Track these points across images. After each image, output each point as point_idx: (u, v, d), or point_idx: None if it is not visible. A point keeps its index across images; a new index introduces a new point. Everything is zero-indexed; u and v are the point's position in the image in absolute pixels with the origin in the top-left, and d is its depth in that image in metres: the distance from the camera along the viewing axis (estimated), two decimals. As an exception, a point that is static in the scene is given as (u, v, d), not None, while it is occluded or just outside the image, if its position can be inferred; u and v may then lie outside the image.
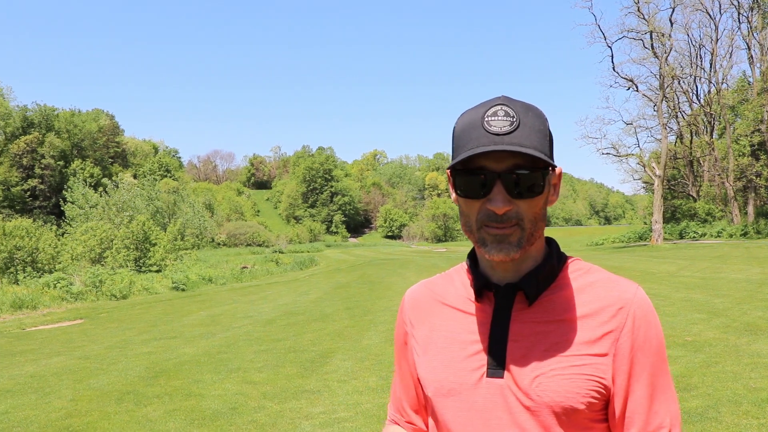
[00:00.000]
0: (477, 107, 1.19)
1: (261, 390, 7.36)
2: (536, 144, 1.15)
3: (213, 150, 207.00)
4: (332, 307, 15.21)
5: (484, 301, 1.27)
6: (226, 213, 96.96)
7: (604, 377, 1.17)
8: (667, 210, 46.65)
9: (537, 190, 1.17)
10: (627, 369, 1.18)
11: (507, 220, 1.16)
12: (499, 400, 1.19)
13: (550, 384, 1.16)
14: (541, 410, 1.16)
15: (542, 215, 1.21)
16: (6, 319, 15.93)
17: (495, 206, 1.15)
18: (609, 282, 1.24)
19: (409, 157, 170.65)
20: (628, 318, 1.19)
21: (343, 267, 34.75)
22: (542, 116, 1.20)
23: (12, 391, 7.88)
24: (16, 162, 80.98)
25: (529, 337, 1.20)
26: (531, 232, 1.19)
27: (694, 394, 6.02)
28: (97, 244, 30.42)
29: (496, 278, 1.26)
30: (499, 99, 1.18)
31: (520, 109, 1.16)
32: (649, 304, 1.23)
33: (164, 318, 15.10)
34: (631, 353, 1.18)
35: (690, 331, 8.96)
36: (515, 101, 1.18)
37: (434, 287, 1.39)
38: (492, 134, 1.14)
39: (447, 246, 76.12)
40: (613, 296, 1.21)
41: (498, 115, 1.15)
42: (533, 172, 1.16)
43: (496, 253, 1.18)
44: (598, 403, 1.18)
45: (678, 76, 43.75)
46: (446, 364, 1.26)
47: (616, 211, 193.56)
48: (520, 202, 1.16)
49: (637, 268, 20.23)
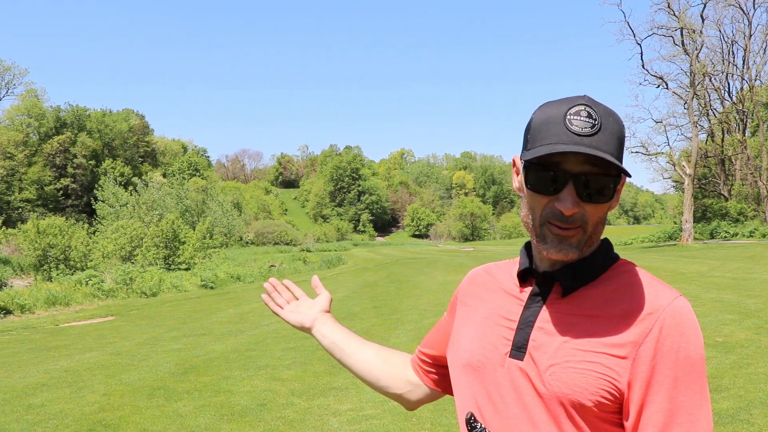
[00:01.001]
0: (559, 102, 1.19)
1: (289, 387, 7.43)
2: (613, 150, 1.16)
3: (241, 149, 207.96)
4: (360, 305, 15.26)
5: (527, 286, 1.30)
6: (254, 212, 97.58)
7: (618, 380, 1.13)
8: (698, 209, 45.96)
9: (606, 195, 1.18)
10: (646, 377, 1.13)
11: (572, 221, 1.18)
12: (516, 381, 1.22)
13: (561, 375, 1.16)
14: (551, 400, 1.17)
15: (604, 220, 1.23)
16: (40, 315, 16.25)
17: (564, 206, 1.16)
18: (648, 286, 1.21)
19: (436, 156, 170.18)
20: (655, 324, 1.14)
21: (370, 266, 34.81)
22: (621, 122, 1.20)
23: (47, 385, 8.05)
24: (49, 161, 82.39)
25: (554, 326, 1.22)
26: (591, 235, 1.21)
27: (725, 395, 5.95)
28: (128, 242, 30.82)
29: (543, 267, 1.28)
30: (582, 98, 1.18)
31: (602, 113, 1.17)
32: (686, 315, 1.17)
33: (193, 315, 15.27)
34: (653, 361, 1.13)
35: (721, 332, 8.84)
36: (598, 103, 1.19)
37: (495, 269, 1.44)
38: (573, 133, 1.14)
39: (474, 245, 75.83)
40: (647, 301, 1.18)
41: (581, 115, 1.15)
42: (605, 177, 1.16)
43: (555, 252, 1.20)
44: (610, 405, 1.15)
45: (709, 73, 43.03)
46: (480, 337, 1.31)
47: (645, 211, 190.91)
48: (587, 206, 1.18)
49: (666, 268, 19.98)
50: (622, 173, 1.18)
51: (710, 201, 48.67)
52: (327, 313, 1.84)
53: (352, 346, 1.71)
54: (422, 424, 5.74)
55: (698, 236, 40.84)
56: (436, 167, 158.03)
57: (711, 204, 48.07)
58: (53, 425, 6.29)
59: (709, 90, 46.14)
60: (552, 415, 1.17)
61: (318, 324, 1.79)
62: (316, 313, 1.83)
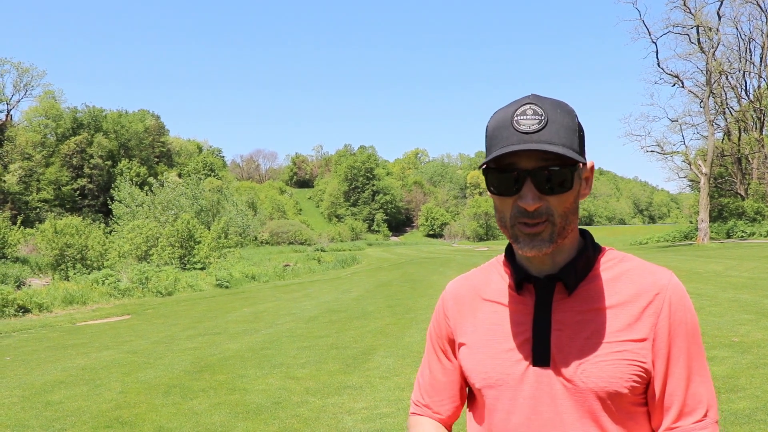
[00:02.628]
0: (507, 106, 1.23)
1: (304, 385, 7.46)
2: (564, 141, 1.18)
3: (256, 149, 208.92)
4: (374, 304, 15.28)
5: (524, 294, 1.31)
6: (269, 211, 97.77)
7: (645, 361, 1.21)
8: (714, 209, 45.50)
9: (566, 186, 1.21)
10: (665, 352, 1.23)
11: (538, 215, 1.20)
12: (545, 389, 1.24)
13: (593, 370, 1.20)
14: (587, 396, 1.20)
15: (573, 209, 1.25)
16: (58, 313, 16.41)
17: (525, 203, 1.19)
18: (644, 269, 1.29)
19: (450, 156, 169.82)
20: (665, 303, 1.23)
21: (384, 265, 34.84)
22: (571, 112, 1.23)
23: (65, 383, 8.14)
24: (66, 162, 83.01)
25: (571, 326, 1.24)
26: (562, 227, 1.23)
27: (741, 395, 5.90)
28: (143, 241, 31.03)
29: (534, 271, 1.30)
30: (528, 98, 1.22)
31: (548, 107, 1.20)
32: (683, 289, 1.27)
33: (209, 314, 15.36)
34: (669, 337, 1.23)
35: (737, 332, 8.77)
36: (544, 99, 1.22)
37: (474, 282, 1.43)
38: (521, 133, 1.18)
39: (488, 245, 75.60)
40: (649, 282, 1.26)
41: (527, 114, 1.19)
42: (562, 168, 1.19)
43: (528, 249, 1.22)
44: (640, 387, 1.22)
45: (726, 71, 42.60)
46: (492, 356, 1.31)
47: (660, 210, 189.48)
48: (550, 198, 1.20)
49: (682, 267, 19.83)
50: (580, 162, 1.21)
51: (726, 200, 48.17)
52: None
53: None
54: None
55: (714, 236, 40.48)
56: (450, 167, 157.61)
57: (727, 203, 47.60)
58: (71, 422, 6.36)
59: (725, 88, 45.66)
60: (588, 411, 1.21)
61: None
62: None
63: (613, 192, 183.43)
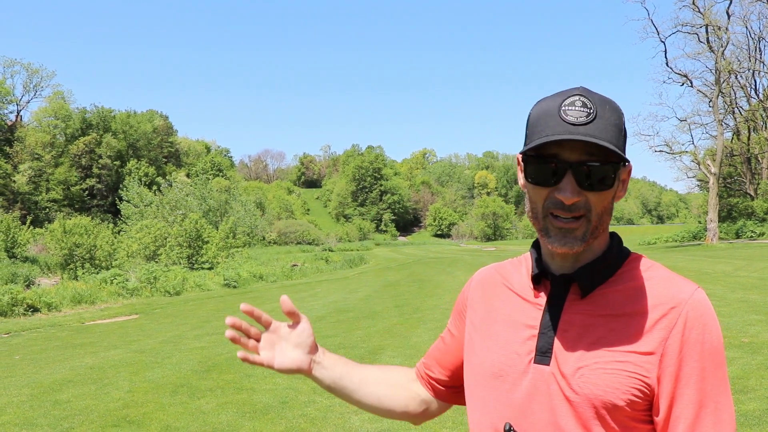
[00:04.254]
0: (555, 96, 1.20)
1: (311, 385, 7.44)
2: (611, 138, 1.15)
3: (264, 149, 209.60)
4: (381, 304, 15.28)
5: (541, 290, 1.29)
6: (277, 211, 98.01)
7: (648, 376, 1.14)
8: (723, 209, 45.27)
9: (607, 184, 1.18)
10: (674, 371, 1.14)
11: (575, 210, 1.17)
12: (542, 387, 1.20)
13: (591, 377, 1.15)
14: (581, 402, 1.16)
15: (609, 210, 1.22)
16: (67, 313, 16.49)
17: (564, 196, 1.16)
18: (667, 281, 1.21)
19: (458, 156, 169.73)
20: (679, 318, 1.15)
21: (392, 265, 34.83)
22: (619, 111, 1.20)
23: (73, 382, 8.17)
24: (75, 162, 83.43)
25: (578, 329, 1.21)
26: (596, 226, 1.20)
27: (751, 396, 5.86)
28: (152, 241, 31.13)
29: (554, 267, 1.27)
30: (577, 89, 1.19)
31: (597, 102, 1.17)
32: (707, 307, 1.18)
33: (216, 314, 15.38)
34: (680, 355, 1.14)
35: (747, 333, 8.72)
36: (594, 93, 1.19)
37: (503, 271, 1.41)
38: (568, 124, 1.14)
39: (496, 245, 75.50)
40: (668, 295, 1.18)
41: (575, 105, 1.15)
42: (605, 165, 1.16)
43: (559, 245, 1.19)
44: (641, 403, 1.15)
45: (735, 70, 42.34)
46: (501, 345, 1.29)
47: (669, 210, 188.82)
48: (589, 194, 1.17)
49: (691, 267, 19.74)
50: (623, 161, 1.19)
51: (736, 200, 47.94)
52: (315, 345, 1.52)
53: (354, 379, 1.53)
54: (444, 423, 5.73)
55: (723, 236, 40.28)
56: (458, 167, 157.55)
57: (736, 203, 47.37)
58: (79, 421, 6.37)
59: (734, 87, 45.40)
60: (581, 419, 1.16)
61: (315, 366, 1.50)
62: (307, 351, 1.50)
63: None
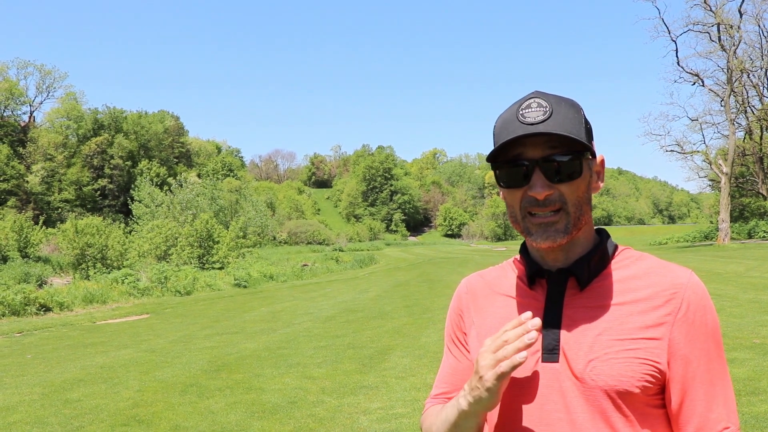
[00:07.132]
0: (512, 105, 1.25)
1: (320, 385, 7.47)
2: (570, 129, 1.19)
3: (274, 149, 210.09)
4: (391, 304, 15.28)
5: (536, 288, 1.30)
6: (287, 211, 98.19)
7: (659, 361, 1.18)
8: (735, 209, 44.93)
9: (576, 174, 1.21)
10: (683, 354, 1.18)
11: (550, 203, 1.20)
12: (554, 385, 1.21)
13: (603, 368, 1.17)
14: (596, 394, 1.17)
15: (586, 199, 1.25)
16: (78, 312, 16.59)
17: (535, 192, 1.19)
18: (662, 268, 1.25)
19: (468, 156, 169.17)
20: (683, 303, 1.20)
21: (402, 265, 34.82)
22: (576, 106, 1.24)
23: (84, 381, 8.22)
24: (87, 162, 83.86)
25: (582, 322, 1.22)
26: (576, 217, 1.22)
27: (762, 398, 5.81)
28: (163, 241, 31.25)
29: (547, 266, 1.28)
30: (532, 93, 1.24)
31: (553, 100, 1.21)
32: (703, 289, 1.23)
33: (226, 314, 15.44)
34: (687, 338, 1.19)
35: (758, 333, 8.65)
36: (548, 94, 1.24)
37: (488, 277, 1.42)
38: (527, 124, 1.18)
39: (507, 245, 75.33)
40: (667, 281, 1.22)
41: (531, 107, 1.20)
42: (570, 156, 1.20)
43: (542, 240, 1.21)
44: (653, 387, 1.18)
45: (747, 69, 41.96)
46: None
47: (680, 210, 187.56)
48: (561, 187, 1.20)
49: (702, 267, 19.62)
50: (589, 151, 1.22)
51: (748, 200, 47.57)
52: None
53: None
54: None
55: (735, 236, 39.98)
56: (468, 167, 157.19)
57: (749, 203, 47.01)
58: (89, 419, 6.41)
59: (747, 86, 44.96)
60: (598, 410, 1.18)
61: None
62: None
63: (633, 192, 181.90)
